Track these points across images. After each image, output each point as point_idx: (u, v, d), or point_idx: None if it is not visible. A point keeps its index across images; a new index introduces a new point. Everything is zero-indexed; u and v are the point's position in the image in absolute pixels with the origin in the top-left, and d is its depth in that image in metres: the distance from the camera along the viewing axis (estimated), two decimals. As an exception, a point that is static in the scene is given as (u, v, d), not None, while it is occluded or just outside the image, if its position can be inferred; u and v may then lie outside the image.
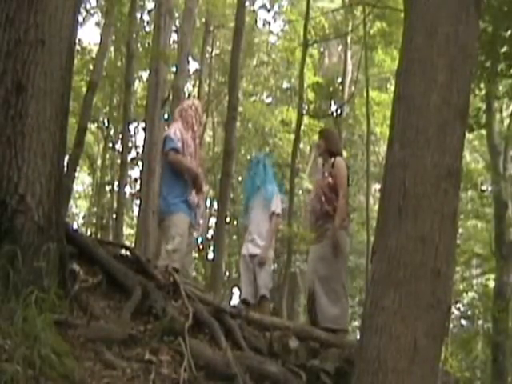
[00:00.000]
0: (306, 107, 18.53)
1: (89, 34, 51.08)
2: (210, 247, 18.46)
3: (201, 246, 19.28)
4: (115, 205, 21.15)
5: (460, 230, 19.61)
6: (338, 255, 6.13)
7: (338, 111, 21.10)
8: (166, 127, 15.67)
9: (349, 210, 6.46)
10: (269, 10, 24.22)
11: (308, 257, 7.18)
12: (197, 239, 11.15)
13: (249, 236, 7.06)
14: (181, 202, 6.04)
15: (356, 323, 19.03)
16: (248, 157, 23.52)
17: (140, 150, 21.69)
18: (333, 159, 6.40)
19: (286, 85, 25.39)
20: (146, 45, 20.61)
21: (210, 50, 23.63)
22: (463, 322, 23.16)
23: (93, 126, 23.19)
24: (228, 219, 19.64)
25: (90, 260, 4.23)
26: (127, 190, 22.35)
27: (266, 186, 7.10)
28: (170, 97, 15.49)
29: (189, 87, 22.87)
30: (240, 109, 17.36)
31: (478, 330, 20.86)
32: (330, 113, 22.21)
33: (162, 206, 6.18)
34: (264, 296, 6.80)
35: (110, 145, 23.82)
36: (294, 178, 14.80)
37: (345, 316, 6.14)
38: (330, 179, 6.33)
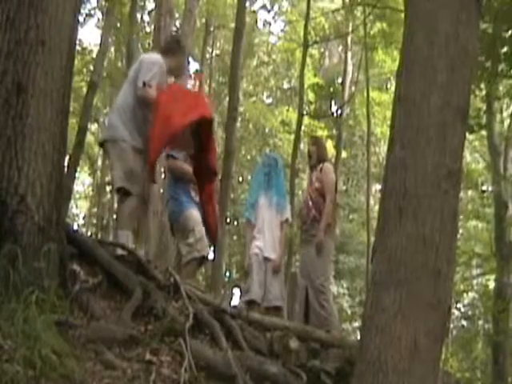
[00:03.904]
0: (307, 108, 18.56)
1: (89, 35, 51.22)
2: (210, 247, 18.43)
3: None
4: (115, 205, 21.12)
5: (460, 231, 19.62)
6: (322, 257, 6.27)
7: (339, 112, 21.13)
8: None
9: (336, 215, 6.62)
10: (269, 11, 24.27)
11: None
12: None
13: (258, 234, 6.81)
14: (191, 200, 6.14)
15: (356, 324, 19.04)
16: (248, 157, 23.54)
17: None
18: (321, 165, 6.56)
19: (286, 85, 25.43)
20: (147, 45, 20.61)
21: (211, 50, 23.66)
22: (464, 322, 23.16)
23: (93, 127, 23.19)
24: (228, 220, 19.64)
25: (91, 260, 4.21)
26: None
27: (282, 190, 7.02)
28: (171, 97, 15.47)
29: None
30: (240, 109, 17.35)
31: (479, 331, 20.87)
32: (330, 113, 22.25)
33: (172, 207, 6.23)
34: (278, 307, 6.75)
35: (111, 145, 23.80)
36: (295, 178, 14.82)
37: (334, 316, 6.33)
38: (317, 184, 6.49)
